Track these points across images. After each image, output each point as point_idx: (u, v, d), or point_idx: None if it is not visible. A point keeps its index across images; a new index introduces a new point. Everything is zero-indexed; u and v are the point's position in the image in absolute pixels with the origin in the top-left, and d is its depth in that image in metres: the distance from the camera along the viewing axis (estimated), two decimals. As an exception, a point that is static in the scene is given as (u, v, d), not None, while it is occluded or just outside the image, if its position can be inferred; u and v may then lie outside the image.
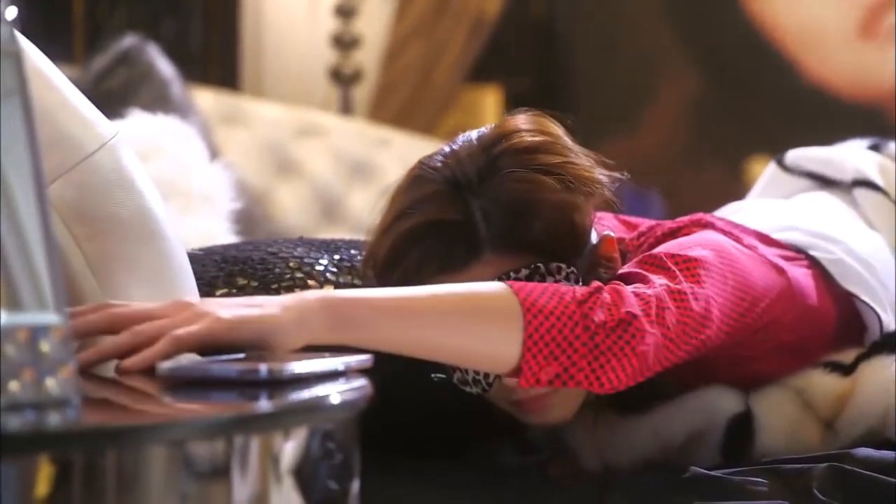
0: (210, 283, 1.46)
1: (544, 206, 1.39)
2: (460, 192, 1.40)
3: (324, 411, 0.98)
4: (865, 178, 1.82)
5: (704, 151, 4.67)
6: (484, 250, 1.38)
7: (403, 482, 1.40)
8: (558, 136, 1.45)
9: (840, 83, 4.56)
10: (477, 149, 1.42)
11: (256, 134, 3.09)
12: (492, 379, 1.42)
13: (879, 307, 1.59)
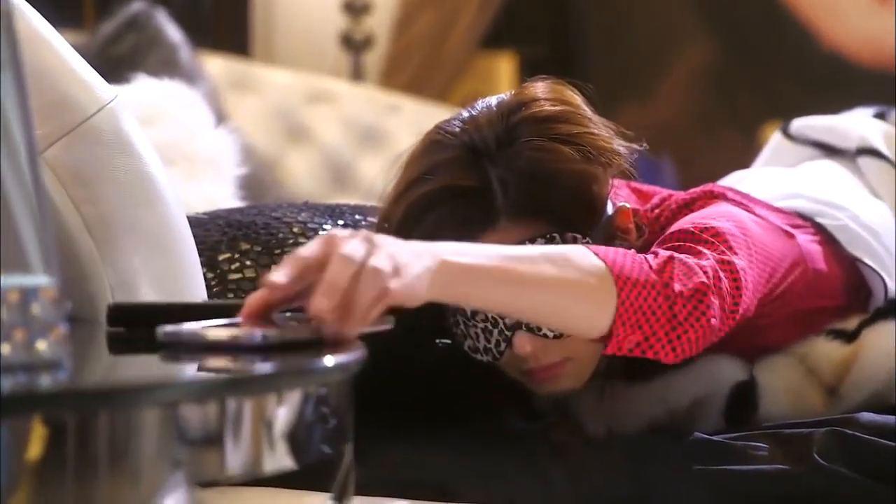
0: (213, 247, 1.46)
1: (562, 176, 1.38)
2: (478, 158, 1.39)
3: (317, 375, 0.98)
4: (870, 146, 1.82)
5: (719, 119, 4.64)
6: (500, 218, 1.38)
7: (404, 446, 1.40)
8: (578, 105, 1.44)
9: (856, 49, 4.53)
10: (496, 116, 1.41)
11: (266, 100, 3.08)
12: (503, 348, 1.42)
13: (885, 273, 1.58)
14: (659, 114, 4.86)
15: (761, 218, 1.52)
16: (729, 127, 4.60)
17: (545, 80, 1.47)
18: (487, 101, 1.44)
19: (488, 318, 1.42)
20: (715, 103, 4.72)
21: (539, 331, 1.41)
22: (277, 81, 3.16)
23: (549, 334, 1.40)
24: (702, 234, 1.38)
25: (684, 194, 1.55)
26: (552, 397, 1.54)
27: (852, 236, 1.59)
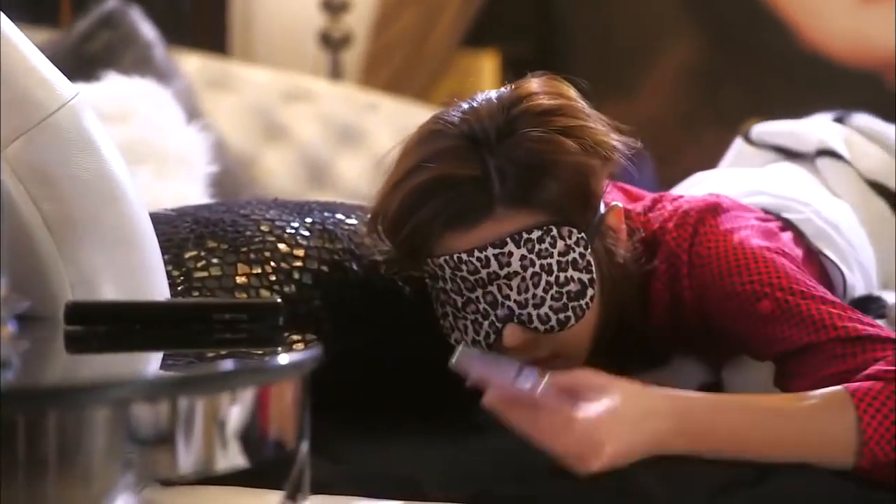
0: (180, 244, 1.45)
1: (561, 167, 1.39)
2: (477, 148, 1.39)
3: (269, 373, 0.98)
4: (828, 147, 1.86)
5: (703, 116, 4.64)
6: (496, 207, 1.38)
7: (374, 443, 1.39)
8: (575, 99, 1.45)
9: (839, 48, 4.53)
10: (497, 107, 1.42)
11: (244, 98, 3.07)
12: (492, 340, 1.43)
13: (846, 266, 1.61)
14: (642, 111, 4.86)
15: (763, 220, 1.56)
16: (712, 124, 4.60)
17: (542, 76, 1.48)
18: (487, 95, 1.45)
19: (479, 309, 1.42)
20: (698, 101, 4.73)
21: (530, 324, 1.41)
22: (255, 80, 3.15)
23: (541, 328, 1.41)
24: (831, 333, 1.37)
25: (684, 203, 1.54)
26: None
27: (817, 230, 1.62)
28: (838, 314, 1.37)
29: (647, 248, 1.51)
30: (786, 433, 1.29)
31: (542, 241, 1.39)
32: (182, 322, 1.16)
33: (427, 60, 4.29)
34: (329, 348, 1.47)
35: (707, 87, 4.77)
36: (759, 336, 1.41)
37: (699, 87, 4.80)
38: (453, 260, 1.40)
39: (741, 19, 4.74)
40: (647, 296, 1.51)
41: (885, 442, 1.27)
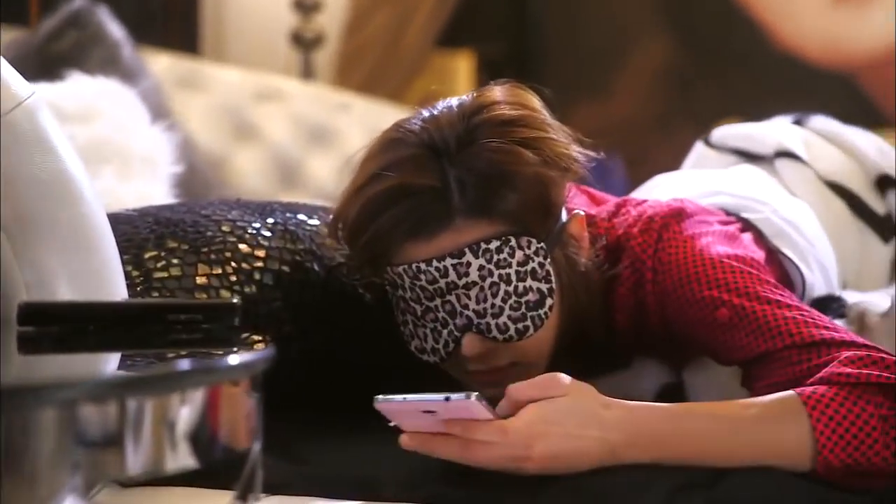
0: (140, 244, 1.45)
1: (520, 179, 1.38)
2: (437, 157, 1.39)
3: (220, 374, 0.97)
4: (786, 149, 1.87)
5: (676, 117, 4.66)
6: (455, 218, 1.38)
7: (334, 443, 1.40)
8: (537, 109, 1.45)
9: (812, 49, 4.55)
10: (457, 116, 1.42)
11: (214, 98, 3.06)
12: (451, 349, 1.43)
13: (804, 265, 1.62)
14: (616, 112, 4.87)
15: (725, 223, 1.57)
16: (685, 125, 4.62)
17: (505, 84, 1.48)
18: (448, 102, 1.45)
19: (438, 318, 1.43)
20: (672, 102, 4.74)
21: (489, 333, 1.41)
22: (226, 79, 3.14)
23: (500, 337, 1.41)
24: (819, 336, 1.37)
25: (648, 208, 1.55)
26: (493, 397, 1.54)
27: (776, 229, 1.63)
28: (794, 319, 1.37)
29: (611, 253, 1.52)
30: (739, 441, 1.30)
31: (501, 251, 1.39)
32: (137, 322, 1.15)
33: (401, 61, 4.29)
34: (290, 349, 1.48)
35: (680, 88, 4.79)
36: (718, 343, 1.42)
37: (673, 88, 4.82)
38: (412, 269, 1.40)
39: (714, 20, 4.75)
40: (611, 301, 1.52)
41: (838, 449, 1.27)
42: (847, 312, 1.55)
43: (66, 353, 1.11)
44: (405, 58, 4.29)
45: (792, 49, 4.58)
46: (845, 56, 4.47)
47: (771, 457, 1.29)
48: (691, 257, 1.46)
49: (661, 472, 1.28)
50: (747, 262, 1.45)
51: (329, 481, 1.32)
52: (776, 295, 1.41)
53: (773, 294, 1.41)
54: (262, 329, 1.44)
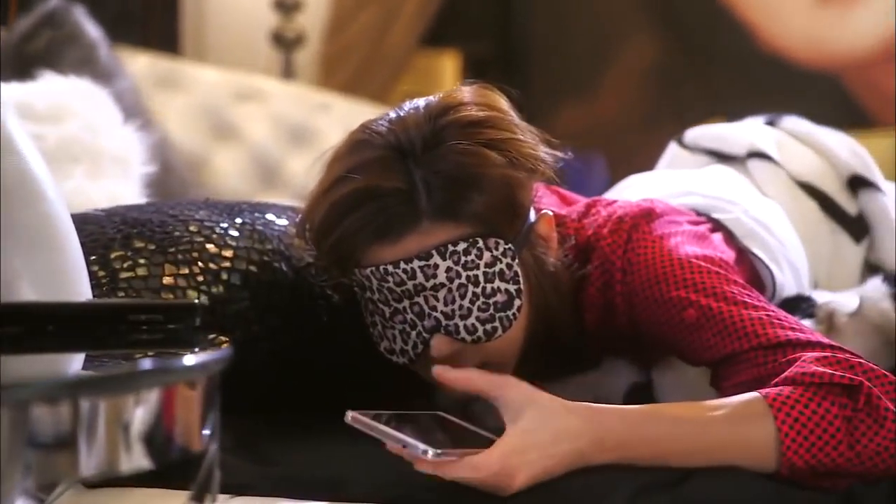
0: (106, 244, 1.44)
1: (487, 180, 1.38)
2: (404, 159, 1.39)
3: (174, 374, 0.97)
4: (758, 149, 1.87)
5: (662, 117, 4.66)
6: (422, 220, 1.38)
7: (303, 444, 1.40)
8: (505, 111, 1.45)
9: (797, 49, 4.56)
10: (423, 117, 1.41)
11: (194, 98, 3.05)
12: (420, 350, 1.44)
13: (775, 265, 1.62)
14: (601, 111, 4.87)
15: (695, 223, 1.57)
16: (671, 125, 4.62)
17: (474, 84, 1.47)
18: (415, 103, 1.44)
19: (406, 320, 1.43)
20: (657, 101, 4.75)
21: (457, 334, 1.41)
22: (205, 79, 3.13)
23: (468, 338, 1.41)
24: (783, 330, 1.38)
25: (618, 208, 1.55)
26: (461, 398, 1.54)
27: (745, 229, 1.64)
28: (760, 319, 1.38)
29: (580, 253, 1.52)
30: (704, 443, 1.30)
31: (468, 252, 1.39)
32: (97, 323, 1.15)
33: (385, 61, 4.29)
34: (259, 349, 1.47)
35: (666, 87, 4.79)
36: (686, 344, 1.43)
37: (658, 87, 4.82)
38: (379, 271, 1.40)
39: (700, 20, 4.76)
40: (580, 301, 1.52)
41: (802, 450, 1.28)
42: (816, 312, 1.55)
43: (26, 353, 1.10)
44: (389, 58, 4.29)
45: (777, 49, 4.58)
46: (831, 56, 4.48)
47: (736, 458, 1.29)
48: (660, 257, 1.46)
49: (626, 473, 1.29)
50: (716, 263, 1.45)
51: (296, 482, 1.32)
52: (743, 296, 1.41)
53: (740, 295, 1.41)
54: (230, 329, 1.44)
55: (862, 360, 1.32)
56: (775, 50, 4.57)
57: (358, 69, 4.15)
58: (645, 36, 4.84)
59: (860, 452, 1.27)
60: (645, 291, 1.45)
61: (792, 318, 1.41)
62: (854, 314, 1.54)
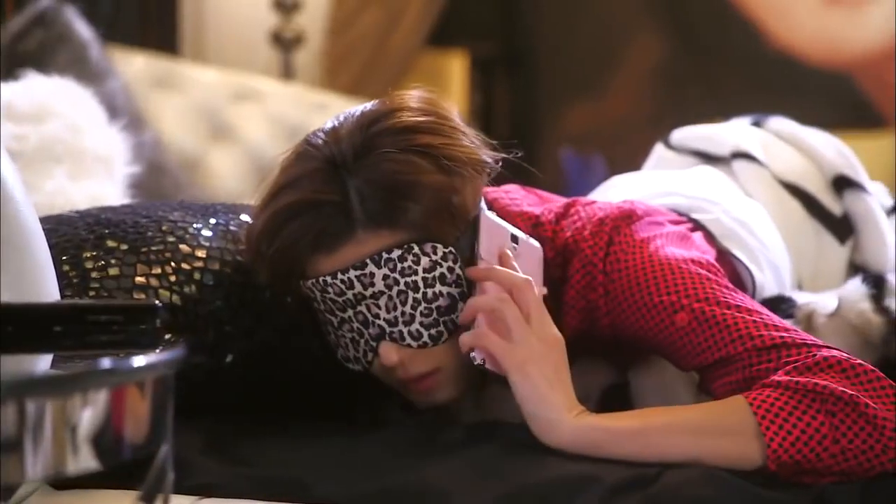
0: (79, 245, 1.44)
1: (418, 188, 1.38)
2: (337, 170, 1.39)
3: (122, 375, 0.97)
4: (743, 150, 1.87)
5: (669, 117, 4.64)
6: (357, 230, 1.39)
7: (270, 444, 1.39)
8: (445, 116, 1.44)
9: (807, 49, 4.54)
10: (356, 126, 1.42)
11: (191, 98, 3.05)
12: (371, 357, 1.44)
13: (755, 265, 1.62)
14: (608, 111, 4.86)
15: (674, 223, 1.57)
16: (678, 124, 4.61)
17: (421, 89, 1.47)
18: (354, 110, 1.45)
19: (353, 328, 1.43)
20: (665, 101, 4.73)
21: (403, 341, 1.41)
22: (202, 79, 3.13)
23: (413, 344, 1.41)
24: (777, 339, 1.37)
25: (598, 210, 1.54)
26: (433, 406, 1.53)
27: (725, 229, 1.63)
28: (754, 322, 1.38)
29: (558, 255, 1.51)
30: (687, 447, 1.31)
31: (404, 259, 1.39)
32: (57, 324, 1.14)
33: (389, 61, 4.28)
34: (232, 349, 1.47)
35: (673, 87, 4.78)
36: (676, 348, 1.42)
37: (666, 87, 4.81)
38: (319, 283, 1.41)
39: (708, 20, 4.74)
40: (560, 303, 1.51)
41: (787, 444, 1.28)
42: (795, 313, 1.54)
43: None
44: (394, 58, 4.29)
45: (786, 48, 4.57)
46: (840, 55, 4.46)
47: (719, 460, 1.30)
48: (646, 262, 1.46)
49: (600, 470, 1.29)
50: (703, 266, 1.44)
51: (265, 482, 1.32)
52: (735, 299, 1.41)
53: (732, 298, 1.41)
54: (203, 329, 1.44)
55: (858, 361, 1.33)
56: (784, 49, 4.55)
57: (362, 70, 4.15)
58: (652, 35, 4.82)
59: (845, 449, 1.27)
60: (632, 297, 1.45)
61: (784, 321, 1.41)
62: (832, 315, 1.53)
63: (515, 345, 1.36)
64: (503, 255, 1.42)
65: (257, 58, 3.86)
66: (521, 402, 1.35)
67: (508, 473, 1.29)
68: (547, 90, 5.10)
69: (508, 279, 1.39)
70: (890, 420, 1.28)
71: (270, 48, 3.87)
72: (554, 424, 1.33)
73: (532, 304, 1.37)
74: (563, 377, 1.37)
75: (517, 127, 4.95)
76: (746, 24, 4.63)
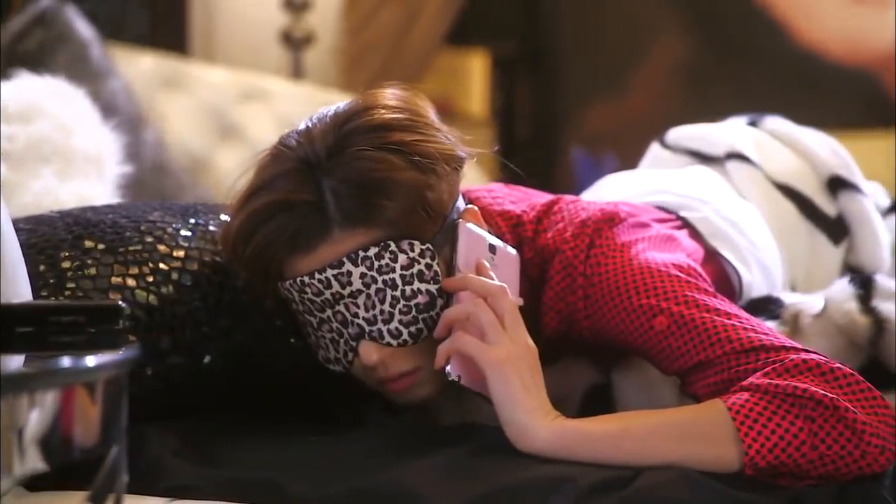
0: (56, 245, 1.44)
1: (392, 185, 1.37)
2: (312, 171, 1.39)
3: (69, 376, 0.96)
4: (737, 151, 1.86)
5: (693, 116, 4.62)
6: (333, 229, 1.38)
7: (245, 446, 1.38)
8: (419, 113, 1.44)
9: (832, 47, 4.51)
10: (329, 126, 1.41)
11: (199, 98, 3.05)
12: (351, 358, 1.43)
13: (742, 264, 1.61)
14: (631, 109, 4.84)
15: (656, 222, 1.56)
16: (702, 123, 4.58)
17: (396, 86, 1.47)
18: (328, 110, 1.46)
19: (333, 328, 1.42)
20: (688, 100, 4.71)
21: (382, 339, 1.40)
22: (210, 79, 3.13)
23: (393, 342, 1.40)
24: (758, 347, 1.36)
25: (581, 211, 1.53)
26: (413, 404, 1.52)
27: (713, 228, 1.63)
28: (733, 326, 1.37)
29: (537, 255, 1.51)
30: (664, 452, 1.30)
31: (381, 257, 1.38)
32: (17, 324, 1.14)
33: (407, 60, 4.27)
34: (210, 350, 1.46)
35: (697, 86, 4.75)
36: (657, 352, 1.41)
37: (689, 86, 4.79)
38: (297, 283, 1.40)
39: (733, 17, 4.71)
40: (539, 303, 1.50)
41: (765, 450, 1.27)
42: (782, 314, 1.52)
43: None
44: (412, 57, 4.28)
45: (812, 46, 4.53)
46: (865, 53, 4.42)
47: (696, 464, 1.29)
48: (626, 266, 1.45)
49: (575, 471, 1.28)
50: (684, 270, 1.43)
51: (239, 484, 1.31)
52: (714, 302, 1.40)
53: (711, 302, 1.40)
54: (180, 329, 1.43)
55: (838, 364, 1.31)
56: (810, 47, 4.51)
57: (380, 69, 4.14)
58: (675, 33, 4.80)
59: (823, 454, 1.26)
60: (612, 301, 1.44)
61: (764, 325, 1.40)
62: (818, 315, 1.51)
63: (492, 345, 1.34)
64: (479, 265, 1.41)
65: (267, 57, 3.86)
66: (497, 406, 1.34)
67: (482, 474, 1.28)
68: (569, 89, 5.07)
69: (483, 286, 1.38)
70: (869, 424, 1.27)
71: (280, 48, 3.87)
72: (529, 429, 1.32)
73: (506, 311, 1.36)
74: (538, 382, 1.35)
75: (539, 126, 4.94)
76: (771, 22, 4.60)
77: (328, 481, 1.29)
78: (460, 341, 1.36)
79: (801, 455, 1.26)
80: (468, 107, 4.86)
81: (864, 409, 1.28)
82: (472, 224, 1.43)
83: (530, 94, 4.94)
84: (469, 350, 1.35)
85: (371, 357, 1.40)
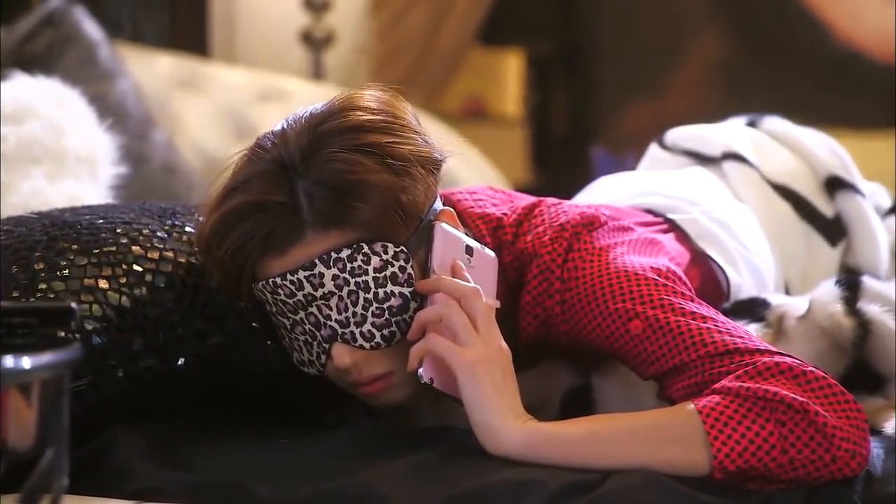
0: (31, 247, 1.43)
1: (366, 187, 1.36)
2: (286, 172, 1.38)
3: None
4: (733, 151, 1.85)
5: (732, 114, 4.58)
6: (306, 231, 1.37)
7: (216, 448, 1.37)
8: (396, 115, 1.42)
9: (872, 44, 4.46)
10: (304, 127, 1.40)
11: (216, 99, 3.05)
12: (324, 360, 1.42)
13: (731, 266, 1.60)
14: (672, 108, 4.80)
15: (639, 226, 1.55)
16: (740, 123, 4.54)
17: (377, 87, 1.46)
18: (305, 110, 1.44)
19: (306, 331, 1.41)
20: (729, 99, 4.68)
21: (355, 342, 1.39)
22: (229, 80, 3.13)
23: (366, 345, 1.39)
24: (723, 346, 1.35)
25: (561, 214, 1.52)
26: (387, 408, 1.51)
27: (701, 230, 1.62)
28: (709, 329, 1.36)
29: (515, 259, 1.50)
30: (634, 455, 1.29)
31: (354, 259, 1.37)
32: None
33: (438, 59, 4.26)
34: (183, 352, 1.46)
35: (735, 86, 4.72)
36: (632, 356, 1.40)
37: (727, 86, 4.75)
38: (269, 285, 1.40)
39: (771, 16, 4.67)
40: (517, 307, 1.49)
41: (735, 454, 1.26)
42: (767, 315, 1.50)
43: None
44: (442, 57, 4.27)
45: (851, 44, 4.48)
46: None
47: (666, 467, 1.28)
48: (603, 271, 1.44)
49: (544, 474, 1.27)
50: (662, 273, 1.42)
51: (204, 487, 1.31)
52: (691, 306, 1.39)
53: (688, 305, 1.39)
54: (153, 331, 1.42)
55: (811, 368, 1.30)
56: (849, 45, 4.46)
57: (410, 69, 4.13)
58: (713, 32, 4.76)
59: (794, 459, 1.25)
60: (588, 305, 1.43)
61: (741, 328, 1.38)
62: (802, 317, 1.49)
63: (464, 347, 1.33)
64: (455, 267, 1.40)
65: (288, 58, 3.86)
66: (467, 408, 1.33)
67: (450, 477, 1.28)
68: (605, 89, 5.04)
69: (456, 288, 1.36)
70: (840, 429, 1.25)
71: (301, 48, 3.87)
72: (499, 431, 1.30)
73: (480, 313, 1.35)
74: (510, 385, 1.34)
75: (575, 126, 4.91)
76: (811, 21, 4.55)
77: (295, 484, 1.29)
78: (432, 343, 1.34)
79: (772, 459, 1.25)
80: (503, 106, 4.85)
81: (836, 413, 1.26)
82: (448, 225, 1.42)
83: (565, 94, 4.91)
84: (441, 351, 1.34)
85: (344, 360, 1.39)
